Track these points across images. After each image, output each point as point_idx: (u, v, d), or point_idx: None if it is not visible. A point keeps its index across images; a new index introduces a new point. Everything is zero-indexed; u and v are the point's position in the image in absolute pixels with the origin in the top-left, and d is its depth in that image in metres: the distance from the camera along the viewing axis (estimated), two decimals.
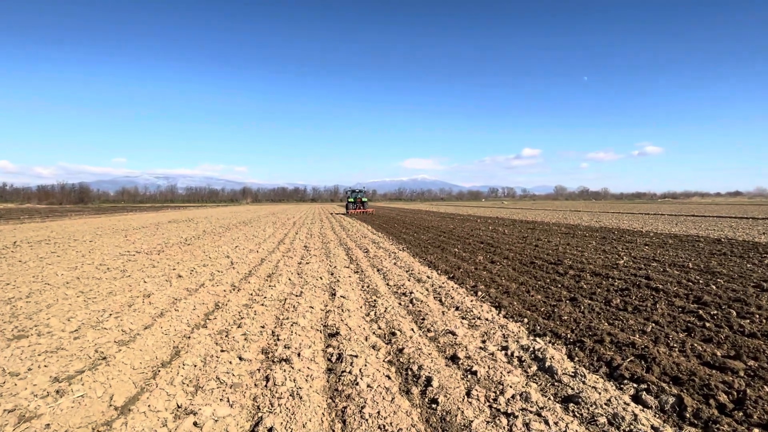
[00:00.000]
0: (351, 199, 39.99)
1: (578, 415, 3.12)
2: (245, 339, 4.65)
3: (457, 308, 5.91)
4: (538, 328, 4.99)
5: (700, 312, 5.27)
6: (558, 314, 5.42)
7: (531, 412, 3.13)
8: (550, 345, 4.44)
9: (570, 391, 3.42)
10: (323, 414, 3.19)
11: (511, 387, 3.50)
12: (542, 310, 5.70)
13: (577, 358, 4.10)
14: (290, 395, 3.42)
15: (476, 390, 3.46)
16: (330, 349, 4.40)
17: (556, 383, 3.59)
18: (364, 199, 39.93)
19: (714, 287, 6.53)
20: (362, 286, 7.54)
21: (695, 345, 4.23)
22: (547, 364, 3.89)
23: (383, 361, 4.14)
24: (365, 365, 3.93)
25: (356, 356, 4.09)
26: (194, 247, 12.88)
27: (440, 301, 6.40)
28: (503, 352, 4.28)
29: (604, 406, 3.18)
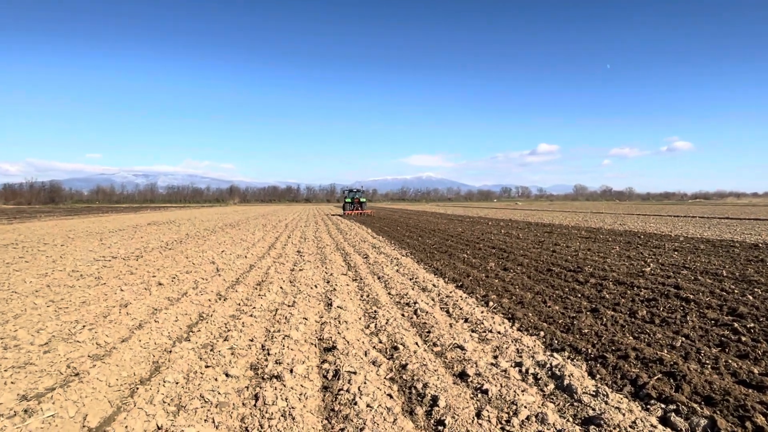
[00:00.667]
0: (348, 200, 40.32)
1: None
2: (232, 353, 4.65)
3: (466, 320, 5.92)
4: (556, 342, 5.00)
5: (735, 325, 5.26)
6: (578, 327, 5.42)
7: None
8: (569, 361, 4.45)
9: (591, 412, 3.41)
10: None
11: (525, 407, 3.50)
12: (560, 322, 5.70)
13: (598, 376, 4.09)
14: (282, 416, 3.42)
15: (487, 410, 3.46)
16: (326, 365, 4.39)
17: (575, 403, 3.58)
18: (362, 200, 40.22)
19: (751, 297, 6.52)
20: (361, 296, 7.55)
21: (730, 361, 4.23)
22: (566, 382, 3.87)
23: (384, 378, 4.13)
24: (364, 383, 3.92)
25: (355, 373, 4.09)
26: (176, 252, 12.91)
27: (447, 312, 6.40)
28: (517, 368, 4.27)
29: (629, 429, 3.17)
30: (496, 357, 4.59)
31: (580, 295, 7.06)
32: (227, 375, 4.15)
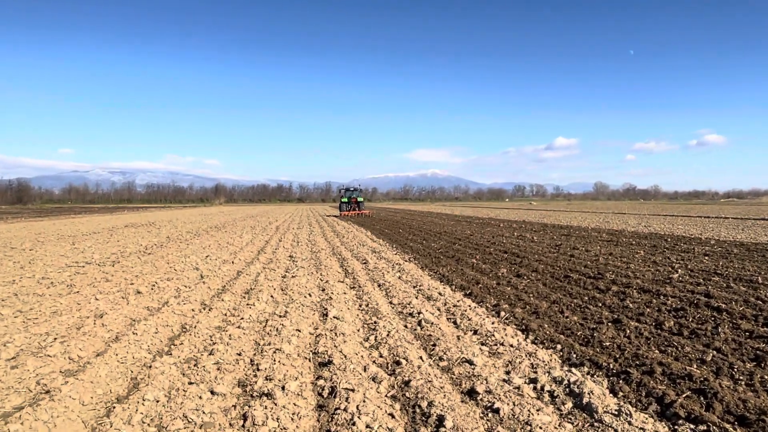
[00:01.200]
0: (344, 199, 40.89)
1: None
2: (218, 369, 4.66)
3: (475, 332, 5.93)
4: (574, 356, 5.00)
5: None
6: (598, 339, 5.43)
7: None
8: (589, 377, 4.45)
9: None
10: None
11: (541, 428, 3.50)
12: (579, 334, 5.71)
13: (621, 393, 4.09)
14: None
15: None
16: (321, 382, 4.39)
17: (595, 424, 3.58)
18: (359, 199, 40.71)
19: None
20: (360, 305, 7.56)
21: (766, 377, 4.22)
22: (585, 400, 3.88)
23: (385, 395, 4.13)
24: (363, 401, 3.92)
25: (353, 390, 4.09)
26: (156, 258, 12.93)
27: (455, 323, 6.42)
28: (531, 385, 4.28)
29: None
30: (508, 372, 4.59)
31: (600, 305, 7.08)
32: (213, 392, 4.15)
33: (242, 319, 6.49)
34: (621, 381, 4.31)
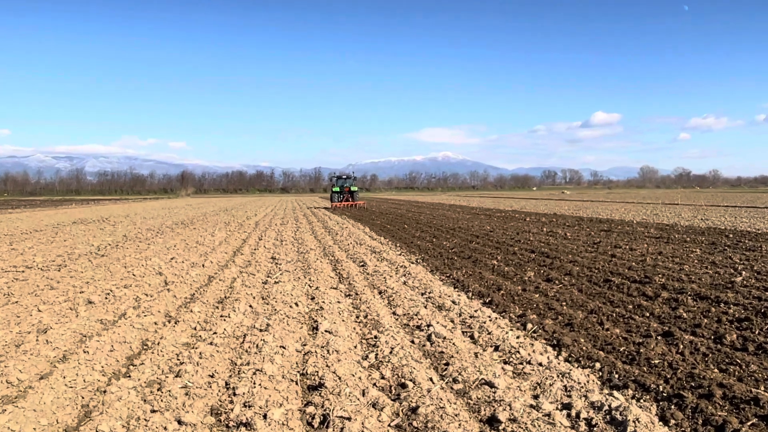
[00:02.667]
0: (336, 189, 42.16)
1: None
2: (186, 394, 4.65)
3: (496, 348, 5.94)
4: (617, 376, 5.00)
5: None
6: (645, 356, 5.42)
7: None
8: (634, 401, 4.45)
9: None
10: None
11: None
12: (622, 350, 5.71)
13: (673, 421, 4.08)
14: None
15: None
16: (310, 409, 4.39)
17: None
18: (353, 188, 42.06)
19: None
20: (357, 317, 7.58)
21: None
22: (630, 429, 3.85)
23: (388, 426, 4.11)
24: None
25: (348, 419, 4.06)
26: (111, 260, 12.94)
27: (472, 337, 6.43)
28: (564, 412, 4.26)
29: None
30: (536, 397, 4.59)
31: (648, 314, 7.08)
32: (180, 422, 4.13)
33: (215, 333, 6.49)
34: (673, 406, 4.29)
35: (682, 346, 5.68)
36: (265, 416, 4.16)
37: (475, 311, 7.57)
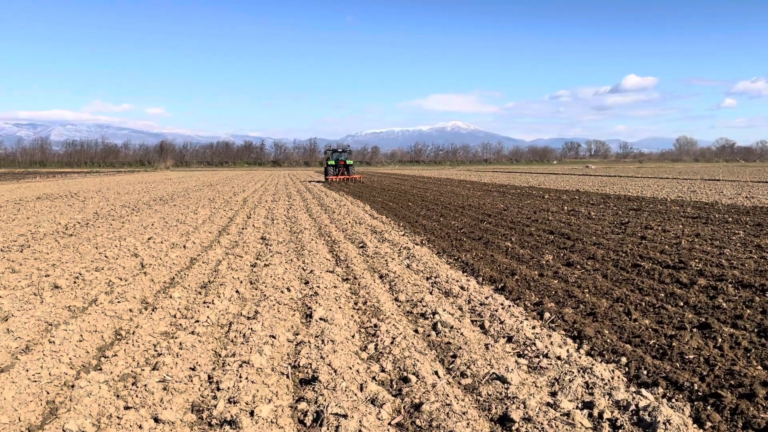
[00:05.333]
0: (331, 162, 44.39)
1: None
2: (164, 389, 4.67)
3: (509, 339, 5.97)
4: (645, 372, 5.00)
5: None
6: (678, 351, 5.40)
7: None
8: (665, 401, 4.43)
9: None
10: None
11: None
12: (652, 343, 5.70)
13: (709, 423, 4.06)
14: None
15: None
16: (303, 405, 4.42)
17: None
18: (348, 162, 44.27)
19: None
20: (355, 303, 7.63)
21: None
22: None
23: (388, 424, 4.15)
24: (360, 431, 3.88)
25: (345, 416, 4.09)
26: (80, 240, 12.93)
27: (482, 327, 6.46)
28: (586, 411, 4.25)
29: None
30: (554, 394, 4.60)
31: (682, 304, 7.04)
32: (157, 420, 4.12)
33: (197, 322, 6.51)
34: (709, 407, 4.28)
35: (720, 340, 5.64)
36: (252, 413, 4.20)
37: (486, 298, 7.60)
